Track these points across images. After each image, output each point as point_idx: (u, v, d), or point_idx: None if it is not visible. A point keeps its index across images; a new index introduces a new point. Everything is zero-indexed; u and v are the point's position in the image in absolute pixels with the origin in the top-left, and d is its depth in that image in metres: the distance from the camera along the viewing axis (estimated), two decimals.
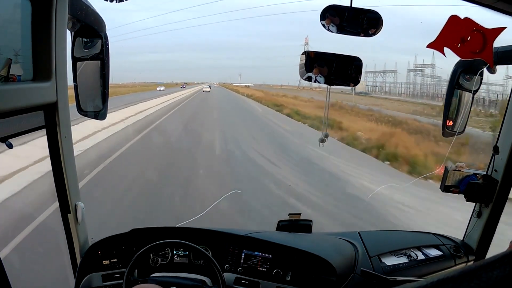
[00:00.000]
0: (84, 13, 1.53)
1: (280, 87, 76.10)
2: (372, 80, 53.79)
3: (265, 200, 5.93)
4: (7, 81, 1.13)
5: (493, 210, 1.86)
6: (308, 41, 36.61)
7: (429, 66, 40.16)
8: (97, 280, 1.83)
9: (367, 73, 54.12)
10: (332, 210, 5.75)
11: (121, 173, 7.44)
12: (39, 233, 4.41)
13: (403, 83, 48.57)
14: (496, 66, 1.62)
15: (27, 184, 6.11)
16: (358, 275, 1.81)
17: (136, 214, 5.18)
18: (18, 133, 1.22)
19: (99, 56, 1.64)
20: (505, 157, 1.77)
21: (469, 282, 0.35)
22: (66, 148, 1.53)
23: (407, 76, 46.30)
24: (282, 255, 1.85)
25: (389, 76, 51.57)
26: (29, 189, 5.96)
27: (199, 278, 1.77)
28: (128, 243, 1.88)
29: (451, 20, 1.45)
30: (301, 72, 1.66)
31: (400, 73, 49.36)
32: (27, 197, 5.73)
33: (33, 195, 5.72)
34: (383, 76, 52.14)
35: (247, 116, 21.31)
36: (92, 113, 1.71)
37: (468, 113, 1.92)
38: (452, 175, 1.89)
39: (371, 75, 53.54)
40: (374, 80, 54.11)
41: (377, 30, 1.58)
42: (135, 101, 25.67)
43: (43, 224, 4.62)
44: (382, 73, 52.07)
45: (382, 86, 53.08)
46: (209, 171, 7.81)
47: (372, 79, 54.29)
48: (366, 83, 55.02)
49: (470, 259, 1.96)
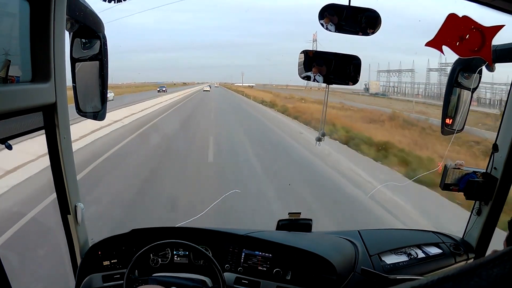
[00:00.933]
0: (82, 14, 1.53)
1: (286, 87, 70.82)
2: (385, 80, 51.58)
3: None
4: (6, 83, 1.13)
5: (492, 208, 1.86)
6: (316, 37, 34.09)
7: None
8: (98, 281, 1.83)
9: (380, 72, 51.75)
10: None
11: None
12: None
13: (421, 83, 45.22)
14: (495, 64, 1.62)
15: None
16: (358, 273, 1.81)
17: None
18: (17, 134, 1.21)
19: (98, 56, 1.64)
20: (504, 155, 1.77)
21: (469, 280, 0.35)
22: (66, 149, 1.53)
23: (427, 76, 43.25)
24: (282, 255, 1.85)
25: (405, 75, 48.74)
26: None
27: (200, 278, 1.77)
28: (128, 244, 1.88)
29: (449, 18, 1.46)
30: (299, 71, 1.66)
31: (417, 73, 46.52)
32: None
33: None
34: (399, 75, 49.54)
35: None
36: (91, 114, 1.71)
37: (467, 111, 1.93)
38: (452, 173, 1.90)
39: (384, 75, 51.60)
40: (388, 80, 51.77)
41: (375, 29, 1.58)
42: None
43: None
44: (398, 72, 49.51)
45: (398, 87, 49.79)
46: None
47: (385, 78, 52.15)
48: (380, 83, 52.53)
49: (470, 257, 1.96)
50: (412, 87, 48.43)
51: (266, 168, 8.19)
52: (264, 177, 7.55)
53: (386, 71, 50.56)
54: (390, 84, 51.51)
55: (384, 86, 52.30)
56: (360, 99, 25.59)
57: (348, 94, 36.31)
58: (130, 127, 14.52)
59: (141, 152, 9.81)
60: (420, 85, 46.31)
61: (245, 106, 29.51)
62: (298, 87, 59.23)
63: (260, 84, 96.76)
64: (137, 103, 23.75)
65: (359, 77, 1.67)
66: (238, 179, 7.29)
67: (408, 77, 48.97)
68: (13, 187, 6.19)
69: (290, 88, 64.96)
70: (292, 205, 5.63)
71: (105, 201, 5.71)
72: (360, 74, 1.67)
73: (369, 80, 52.43)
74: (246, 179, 7.29)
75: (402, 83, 50.19)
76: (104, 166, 8.07)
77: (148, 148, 10.52)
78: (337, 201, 6.16)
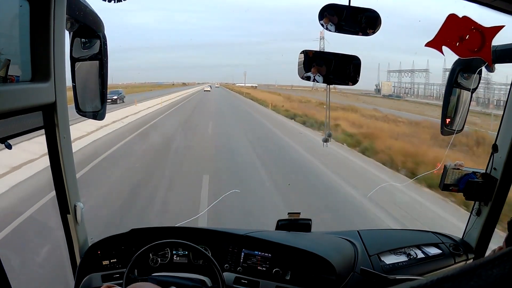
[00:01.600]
0: (82, 13, 1.53)
1: (291, 88, 67.56)
2: (396, 81, 49.02)
3: None
4: (6, 82, 1.13)
5: (492, 208, 1.86)
6: (323, 34, 29.48)
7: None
8: (97, 281, 1.83)
9: (390, 72, 49.58)
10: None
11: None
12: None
13: (436, 84, 42.49)
14: (495, 65, 1.62)
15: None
16: (358, 274, 1.81)
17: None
18: (17, 134, 1.22)
19: (98, 56, 1.64)
20: (504, 155, 1.77)
21: (469, 280, 0.35)
22: (65, 149, 1.53)
23: (443, 76, 39.95)
24: (282, 254, 1.85)
25: (418, 76, 46.21)
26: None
27: (199, 278, 1.77)
28: (127, 243, 1.88)
29: (449, 19, 1.46)
30: (299, 71, 1.66)
31: (431, 73, 44.32)
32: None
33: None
34: (411, 76, 47.21)
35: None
36: (91, 114, 1.71)
37: (466, 111, 1.93)
38: (451, 173, 1.90)
39: (395, 75, 49.71)
40: (399, 81, 48.63)
41: (375, 29, 1.58)
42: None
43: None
44: (410, 73, 47.15)
45: (411, 88, 46.84)
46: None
47: (396, 79, 49.64)
48: (392, 84, 49.41)
49: (469, 258, 1.96)
50: (425, 88, 46.41)
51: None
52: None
53: (398, 71, 48.66)
54: (401, 85, 49.79)
55: (395, 87, 50.60)
56: (385, 102, 22.03)
57: (361, 96, 33.64)
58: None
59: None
60: (435, 86, 43.86)
61: (250, 110, 24.35)
62: (304, 88, 55.54)
63: (262, 84, 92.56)
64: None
65: (358, 77, 1.67)
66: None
67: (422, 78, 47.08)
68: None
69: (295, 89, 61.48)
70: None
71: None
72: (360, 74, 1.67)
73: (380, 81, 50.66)
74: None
75: (415, 84, 48.12)
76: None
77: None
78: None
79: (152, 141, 11.78)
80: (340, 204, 6.19)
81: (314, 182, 7.45)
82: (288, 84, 72.40)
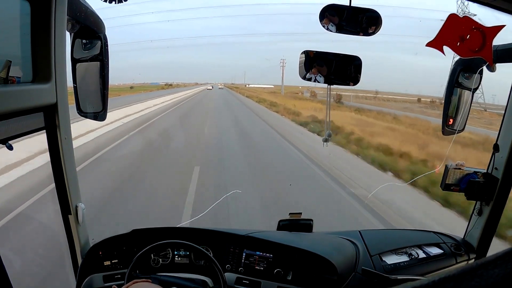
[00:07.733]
0: (83, 14, 1.53)
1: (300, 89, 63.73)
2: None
3: None
4: (7, 83, 1.13)
5: (493, 208, 1.86)
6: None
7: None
8: (98, 281, 1.83)
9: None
10: None
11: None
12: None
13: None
14: (496, 64, 1.62)
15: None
16: (359, 274, 1.81)
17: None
18: (18, 135, 1.22)
19: (99, 57, 1.64)
20: (505, 155, 1.77)
21: (470, 280, 0.35)
22: (66, 149, 1.53)
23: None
24: (283, 255, 1.85)
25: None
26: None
27: (200, 279, 1.77)
28: (129, 244, 1.88)
29: (450, 18, 1.46)
30: (300, 71, 1.66)
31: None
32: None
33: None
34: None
35: None
36: (92, 115, 1.71)
37: (468, 111, 1.93)
38: (453, 173, 1.90)
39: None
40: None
41: (376, 29, 1.58)
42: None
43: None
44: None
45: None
46: None
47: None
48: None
49: (471, 257, 1.95)
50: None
51: None
52: None
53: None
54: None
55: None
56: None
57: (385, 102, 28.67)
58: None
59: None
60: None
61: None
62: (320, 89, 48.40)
63: (277, 85, 77.09)
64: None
65: (359, 78, 1.67)
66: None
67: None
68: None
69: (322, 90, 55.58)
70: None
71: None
72: (361, 74, 1.67)
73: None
74: None
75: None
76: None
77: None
78: None
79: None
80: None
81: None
82: (297, 84, 61.25)
